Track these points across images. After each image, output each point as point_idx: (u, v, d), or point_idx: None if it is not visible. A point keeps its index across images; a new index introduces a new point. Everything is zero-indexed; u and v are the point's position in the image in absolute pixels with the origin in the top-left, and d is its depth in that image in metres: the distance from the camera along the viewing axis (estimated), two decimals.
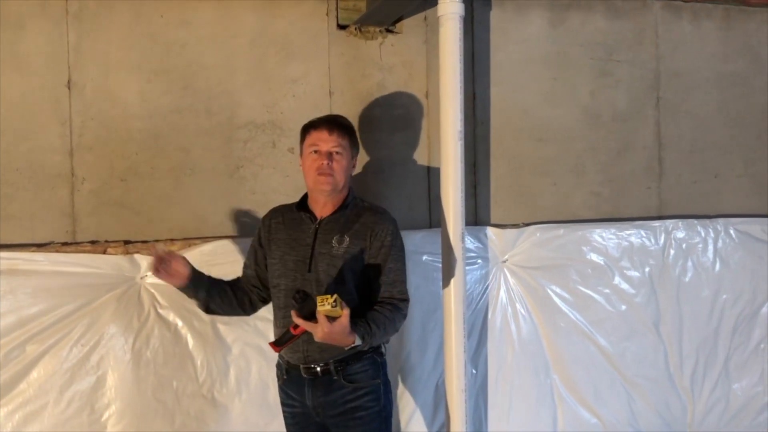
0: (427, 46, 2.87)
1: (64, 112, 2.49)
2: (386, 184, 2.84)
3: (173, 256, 2.15)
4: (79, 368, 2.45)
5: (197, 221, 2.63)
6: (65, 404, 2.44)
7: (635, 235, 3.12)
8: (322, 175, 2.15)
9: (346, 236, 2.16)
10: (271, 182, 2.70)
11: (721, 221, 3.24)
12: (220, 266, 2.53)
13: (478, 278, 2.88)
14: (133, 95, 2.55)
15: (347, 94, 2.78)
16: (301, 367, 2.17)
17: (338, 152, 2.17)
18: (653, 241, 3.14)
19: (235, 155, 2.67)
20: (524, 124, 3.02)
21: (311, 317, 1.91)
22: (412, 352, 2.79)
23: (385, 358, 2.28)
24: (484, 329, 2.90)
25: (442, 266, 2.58)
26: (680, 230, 3.18)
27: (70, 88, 2.50)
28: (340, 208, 2.21)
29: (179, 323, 2.56)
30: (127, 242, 2.54)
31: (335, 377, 2.15)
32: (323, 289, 2.11)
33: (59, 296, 2.42)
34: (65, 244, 2.48)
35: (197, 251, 2.56)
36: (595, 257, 3.05)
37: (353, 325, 1.94)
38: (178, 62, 2.60)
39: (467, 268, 2.69)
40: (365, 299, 2.16)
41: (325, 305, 1.85)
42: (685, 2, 3.24)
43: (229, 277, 2.36)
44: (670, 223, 3.17)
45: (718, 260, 3.23)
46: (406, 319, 2.20)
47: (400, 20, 2.82)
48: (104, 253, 2.50)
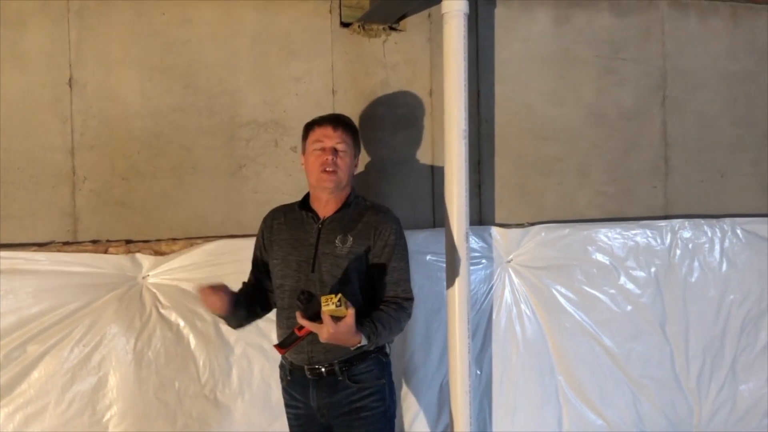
0: (431, 44, 2.85)
1: (65, 110, 2.48)
2: (389, 183, 2.82)
3: (216, 287, 2.08)
4: (80, 369, 2.45)
5: (199, 220, 2.62)
6: (66, 405, 2.44)
7: (641, 234, 3.10)
8: (325, 172, 2.13)
9: (349, 236, 2.14)
10: (273, 181, 2.69)
11: (727, 221, 3.23)
12: (222, 266, 2.55)
13: (482, 278, 2.87)
14: (134, 93, 2.54)
15: (350, 92, 2.77)
16: (305, 367, 2.15)
17: (342, 149, 2.16)
18: (659, 240, 3.12)
19: (237, 154, 2.65)
20: (529, 122, 3.01)
21: (316, 318, 1.89)
22: (416, 352, 2.78)
23: (389, 358, 2.26)
24: (488, 330, 2.89)
25: (446, 266, 2.58)
26: (686, 230, 3.16)
27: (71, 86, 2.48)
28: (342, 207, 2.20)
29: (181, 323, 2.55)
30: (128, 242, 2.53)
31: (340, 378, 2.13)
32: (327, 289, 2.09)
33: (60, 296, 2.42)
34: (66, 243, 2.47)
35: (199, 251, 2.56)
36: (600, 257, 3.04)
37: (358, 324, 1.93)
38: (179, 60, 2.58)
39: (471, 268, 2.69)
40: (369, 299, 2.15)
41: (329, 305, 1.84)
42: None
43: (232, 276, 2.34)
44: (676, 222, 3.15)
45: (724, 260, 3.21)
46: (411, 318, 2.19)
47: (403, 18, 2.81)
48: (106, 252, 2.49)
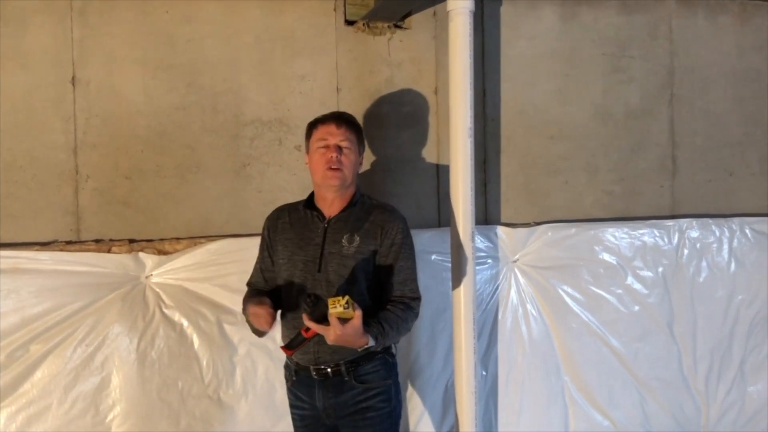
0: (436, 41, 2.83)
1: (68, 109, 2.47)
2: (394, 182, 2.80)
3: (263, 303, 2.06)
4: (83, 368, 2.44)
5: (203, 220, 2.61)
6: (69, 405, 2.43)
7: (648, 234, 3.08)
8: (331, 169, 2.11)
9: (356, 235, 2.13)
10: (277, 180, 2.67)
11: (736, 220, 3.20)
12: (225, 265, 2.55)
13: (488, 278, 2.85)
14: (137, 92, 2.53)
15: (355, 90, 2.75)
16: (311, 368, 2.14)
17: (347, 146, 2.15)
18: (667, 240, 3.10)
19: (241, 153, 2.64)
20: (535, 121, 2.99)
21: (323, 320, 1.88)
22: (421, 353, 2.76)
23: (396, 358, 2.25)
24: (494, 330, 2.87)
25: (451, 266, 2.56)
26: (694, 229, 3.14)
27: (74, 84, 2.47)
28: (348, 206, 2.18)
29: (185, 323, 2.54)
30: (131, 241, 2.51)
31: (346, 378, 2.12)
32: (334, 289, 2.08)
33: (63, 295, 2.41)
34: (69, 242, 2.46)
35: (203, 250, 2.55)
36: (607, 257, 3.01)
37: (365, 325, 1.91)
38: (183, 59, 2.57)
39: (477, 267, 2.67)
40: (376, 299, 2.13)
41: (336, 307, 1.82)
42: None
43: (236, 276, 2.37)
44: (683, 222, 3.13)
45: (733, 260, 3.19)
46: (418, 318, 2.18)
47: (408, 16, 2.79)
48: (109, 252, 2.48)
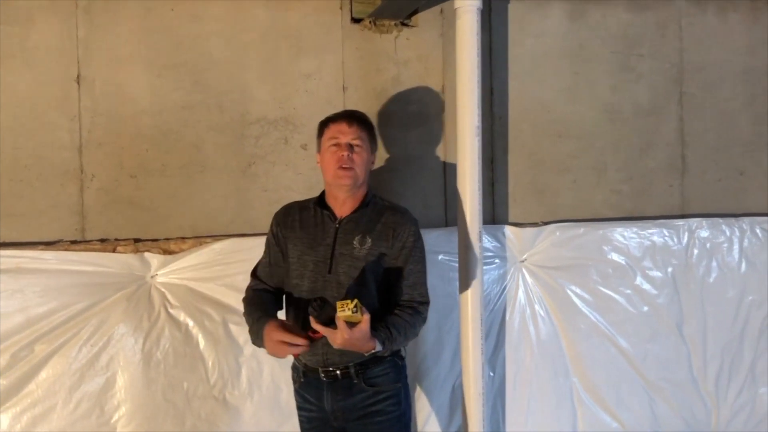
0: (443, 39, 2.81)
1: (73, 107, 2.46)
2: (401, 181, 2.78)
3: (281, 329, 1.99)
4: (88, 369, 2.43)
5: (208, 219, 2.59)
6: (74, 405, 2.42)
7: (657, 234, 3.05)
8: (342, 168, 2.09)
9: (368, 237, 2.10)
10: (283, 179, 2.66)
11: (746, 220, 3.17)
12: (231, 265, 2.54)
13: (495, 278, 2.83)
14: (143, 90, 2.52)
15: (361, 89, 2.73)
16: (320, 370, 2.11)
17: (358, 145, 2.12)
18: (676, 240, 3.07)
19: (246, 152, 2.62)
20: (543, 119, 2.96)
21: (329, 323, 1.86)
22: (428, 353, 2.74)
23: (405, 361, 2.23)
24: (501, 331, 2.85)
25: (459, 266, 2.55)
26: (704, 229, 3.11)
27: (79, 83, 2.46)
28: (360, 206, 2.15)
29: (190, 323, 2.53)
30: (137, 240, 2.50)
31: (355, 381, 2.09)
32: (344, 290, 2.05)
33: (68, 295, 2.40)
34: (74, 242, 2.45)
35: (208, 249, 2.53)
36: (616, 257, 2.99)
37: (373, 330, 1.89)
38: (188, 57, 2.56)
39: (485, 267, 2.66)
40: (384, 301, 2.10)
41: (345, 310, 1.80)
42: None
43: (241, 276, 2.34)
44: (693, 221, 3.10)
45: (743, 260, 3.16)
46: (426, 322, 2.15)
47: (415, 13, 2.77)
48: (114, 251, 2.47)
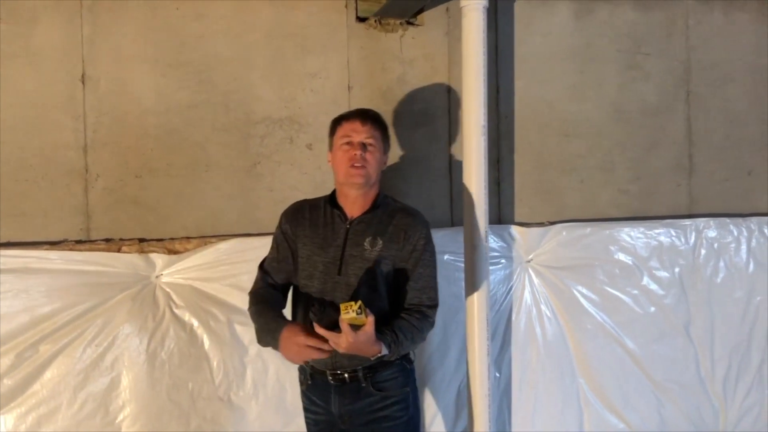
0: (449, 38, 2.80)
1: (77, 107, 2.45)
2: (406, 180, 2.77)
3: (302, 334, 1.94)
4: (93, 369, 2.42)
5: (213, 219, 2.58)
6: (79, 406, 2.41)
7: (665, 234, 3.04)
8: (354, 167, 2.06)
9: (379, 239, 2.07)
10: (288, 179, 2.65)
11: (754, 220, 3.17)
12: (236, 265, 2.53)
13: (501, 278, 2.82)
14: (147, 90, 2.51)
15: (367, 88, 2.72)
16: (327, 372, 2.09)
17: (371, 144, 2.09)
18: (683, 240, 3.06)
19: (252, 151, 2.61)
20: (549, 118, 2.95)
21: (332, 327, 1.83)
22: (433, 354, 2.73)
23: (413, 364, 2.20)
24: (507, 331, 2.84)
25: (464, 266, 2.53)
26: (712, 229, 3.11)
27: (84, 82, 2.45)
28: (371, 207, 2.12)
29: (195, 323, 2.52)
30: (142, 240, 2.49)
31: (363, 384, 2.07)
32: (353, 291, 2.02)
33: (73, 295, 2.39)
34: (79, 242, 2.44)
35: (213, 249, 2.52)
36: (623, 257, 2.98)
37: (379, 333, 1.86)
38: (193, 56, 2.55)
39: (491, 268, 2.65)
40: (393, 304, 2.08)
41: (349, 312, 1.76)
42: None
43: (247, 276, 2.33)
44: (701, 221, 3.09)
45: (751, 260, 3.16)
46: (434, 327, 2.11)
47: (421, 12, 2.76)
48: (119, 251, 2.46)
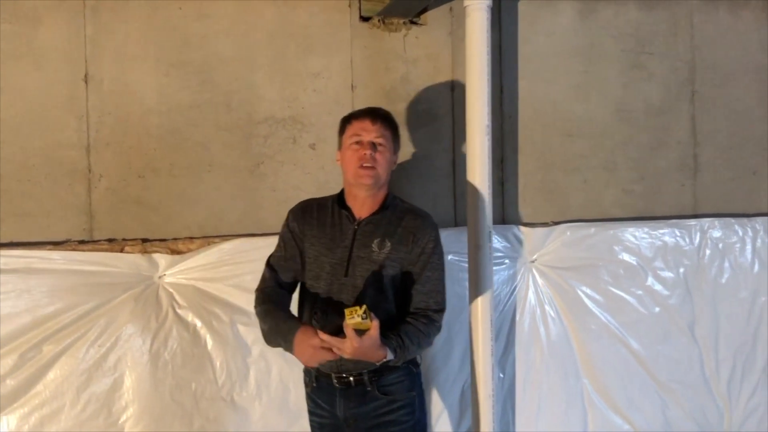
0: (452, 38, 2.79)
1: (80, 106, 2.45)
2: (410, 180, 2.76)
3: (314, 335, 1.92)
4: (96, 369, 2.42)
5: (216, 219, 2.58)
6: (82, 406, 2.41)
7: (669, 234, 3.03)
8: (363, 167, 2.03)
9: (387, 241, 2.04)
10: (291, 179, 2.64)
11: (759, 220, 3.15)
12: (239, 265, 2.52)
13: (505, 279, 2.81)
14: (150, 90, 2.50)
15: (370, 88, 2.71)
16: (332, 375, 2.06)
17: (381, 144, 2.06)
18: (688, 240, 3.05)
19: (254, 151, 2.61)
20: (553, 118, 2.94)
21: (336, 332, 1.82)
22: (437, 355, 2.72)
23: (420, 368, 2.18)
24: (511, 332, 2.82)
25: (468, 266, 2.53)
26: (716, 229, 3.09)
27: (86, 82, 2.45)
28: (380, 208, 2.09)
29: (198, 324, 2.51)
30: (144, 240, 2.49)
31: (369, 388, 2.04)
32: (360, 294, 2.00)
33: (76, 295, 2.39)
34: (82, 242, 2.44)
35: (216, 250, 2.52)
36: (627, 257, 2.96)
37: (384, 338, 1.84)
38: (196, 56, 2.54)
39: (494, 268, 2.64)
40: (400, 308, 2.05)
41: (354, 317, 1.74)
42: None
43: (250, 276, 2.35)
44: (705, 221, 3.08)
45: (756, 261, 3.14)
46: (440, 331, 2.09)
47: (424, 11, 2.75)
48: (122, 251, 2.46)
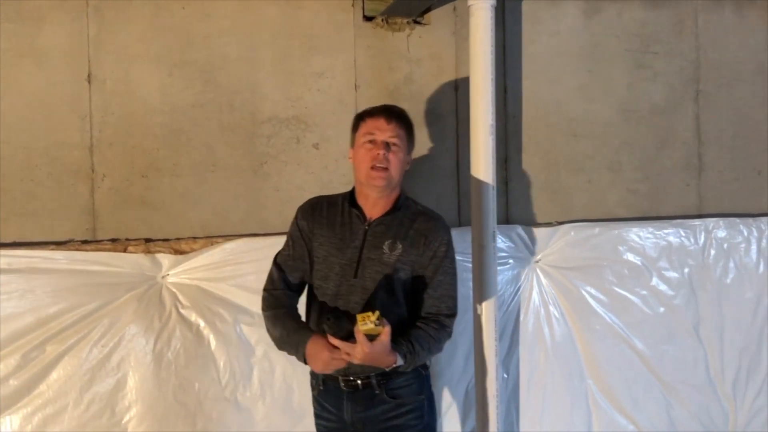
0: (456, 37, 2.78)
1: (83, 106, 2.44)
2: (413, 180, 2.75)
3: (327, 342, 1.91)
4: (99, 369, 2.41)
5: (219, 219, 2.57)
6: (85, 406, 2.40)
7: (674, 234, 3.02)
8: (375, 168, 1.98)
9: (399, 243, 2.00)
10: (295, 179, 2.64)
11: (764, 220, 3.14)
12: (243, 265, 2.52)
13: (509, 279, 2.80)
14: (154, 89, 2.50)
15: (374, 87, 2.71)
16: (340, 378, 2.03)
17: (395, 144, 2.01)
18: (693, 240, 3.04)
19: (258, 151, 2.60)
20: (558, 118, 2.93)
21: (347, 337, 1.81)
22: (441, 355, 2.67)
23: (429, 371, 2.16)
24: (515, 332, 2.82)
25: (472, 266, 2.52)
26: (721, 229, 3.08)
27: (90, 82, 2.45)
28: (392, 209, 2.05)
29: (201, 323, 2.51)
30: (148, 240, 2.49)
31: (377, 391, 2.01)
32: (369, 296, 1.97)
33: (79, 295, 2.38)
34: (85, 242, 2.44)
35: (220, 249, 2.52)
36: (631, 257, 2.95)
37: (394, 344, 1.82)
38: (199, 56, 2.54)
39: (498, 268, 2.62)
40: (410, 312, 2.03)
41: (367, 323, 1.73)
42: None
43: (253, 276, 2.37)
44: (710, 221, 3.07)
45: (761, 261, 3.13)
46: (451, 337, 2.06)
47: (428, 11, 2.74)
48: (125, 251, 2.45)
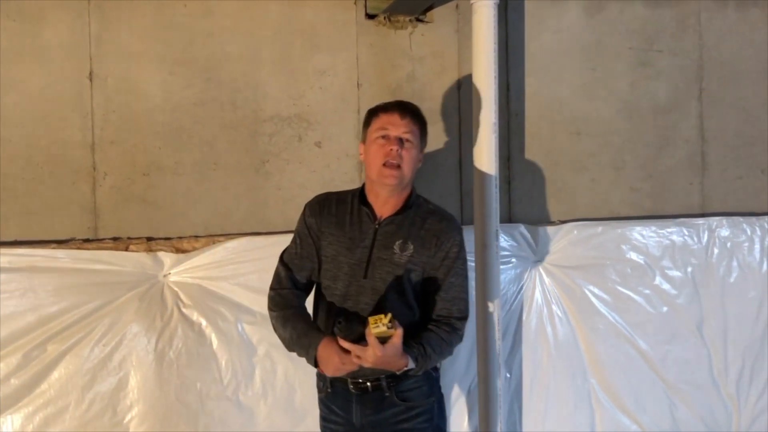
0: (459, 35, 2.77)
1: (85, 104, 2.44)
2: (416, 179, 2.72)
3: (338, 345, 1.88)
4: (101, 368, 2.41)
5: (221, 217, 2.57)
6: (87, 405, 2.40)
7: (677, 233, 3.01)
8: (387, 166, 1.94)
9: (410, 243, 1.97)
10: (297, 177, 2.63)
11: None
12: (245, 264, 2.52)
13: (512, 278, 2.79)
14: (155, 87, 2.49)
15: (376, 85, 2.70)
16: (348, 381, 2.00)
17: (409, 140, 1.96)
18: (696, 239, 3.03)
19: (260, 149, 2.60)
20: (560, 116, 2.92)
21: (358, 339, 1.78)
22: None
23: (439, 372, 2.14)
24: (518, 331, 2.81)
25: (475, 265, 2.51)
26: (725, 228, 3.07)
27: (91, 80, 2.44)
28: (403, 208, 2.02)
29: (203, 323, 2.50)
30: (149, 239, 2.48)
31: (387, 394, 1.99)
32: (379, 297, 1.94)
33: (80, 294, 2.38)
34: (86, 240, 2.43)
35: (222, 248, 2.51)
36: (634, 256, 2.94)
37: (405, 347, 1.80)
38: (201, 53, 2.53)
39: (501, 267, 2.62)
40: (421, 313, 2.00)
41: (379, 326, 1.71)
42: None
43: (255, 275, 2.38)
44: (713, 220, 3.05)
45: (765, 260, 3.12)
46: (462, 340, 2.03)
47: (430, 9, 2.73)
48: (126, 249, 2.45)
